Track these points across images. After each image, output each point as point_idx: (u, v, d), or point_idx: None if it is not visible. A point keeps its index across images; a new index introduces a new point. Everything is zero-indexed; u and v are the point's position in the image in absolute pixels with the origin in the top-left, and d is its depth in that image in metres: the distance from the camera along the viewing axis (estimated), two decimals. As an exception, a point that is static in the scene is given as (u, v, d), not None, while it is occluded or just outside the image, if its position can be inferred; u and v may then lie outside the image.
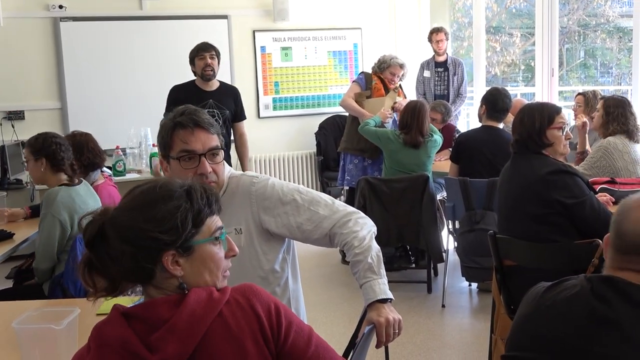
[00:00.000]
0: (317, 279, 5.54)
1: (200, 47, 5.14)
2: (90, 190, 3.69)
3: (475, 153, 4.73)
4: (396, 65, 6.00)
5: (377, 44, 7.94)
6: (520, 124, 3.18)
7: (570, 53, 10.37)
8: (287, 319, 1.49)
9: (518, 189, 3.14)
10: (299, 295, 2.45)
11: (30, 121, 6.60)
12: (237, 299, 1.45)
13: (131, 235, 1.41)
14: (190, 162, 2.14)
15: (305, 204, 2.26)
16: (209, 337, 1.39)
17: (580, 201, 2.99)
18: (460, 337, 4.31)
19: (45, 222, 3.41)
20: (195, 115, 2.16)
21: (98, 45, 6.82)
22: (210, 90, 5.18)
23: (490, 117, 4.78)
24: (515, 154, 3.24)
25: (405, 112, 5.31)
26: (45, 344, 1.90)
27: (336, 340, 4.07)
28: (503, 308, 3.14)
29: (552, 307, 1.45)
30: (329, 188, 7.44)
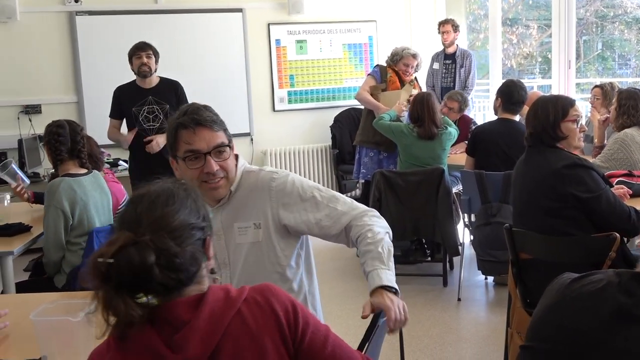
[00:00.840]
0: (331, 272, 5.54)
1: (137, 46, 5.24)
2: (99, 182, 3.71)
3: (492, 146, 4.71)
4: (408, 55, 5.99)
5: (393, 36, 7.91)
6: (534, 117, 3.16)
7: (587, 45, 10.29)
8: (304, 318, 1.48)
9: (533, 183, 3.12)
10: (314, 290, 2.45)
11: (47, 115, 6.63)
12: (256, 298, 1.46)
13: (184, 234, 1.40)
14: (196, 162, 2.14)
15: (324, 201, 2.26)
16: (228, 335, 1.40)
17: (595, 195, 2.97)
18: (476, 330, 4.30)
19: (49, 214, 3.47)
20: (196, 115, 2.13)
21: (113, 39, 6.85)
22: (149, 88, 5.24)
23: (506, 109, 4.76)
24: (529, 147, 3.22)
25: (414, 105, 5.31)
26: (62, 336, 1.91)
27: (352, 333, 4.07)
28: (519, 301, 3.13)
29: (577, 299, 1.43)
30: (344, 181, 7.44)
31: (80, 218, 3.50)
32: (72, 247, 3.52)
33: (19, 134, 6.50)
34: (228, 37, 7.33)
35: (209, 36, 7.26)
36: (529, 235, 3.10)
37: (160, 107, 5.22)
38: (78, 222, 3.50)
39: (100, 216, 3.63)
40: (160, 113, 5.19)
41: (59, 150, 3.58)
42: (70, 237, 3.52)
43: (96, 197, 3.63)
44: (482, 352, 3.95)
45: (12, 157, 6.32)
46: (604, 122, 4.83)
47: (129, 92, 5.26)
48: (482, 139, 4.79)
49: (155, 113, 5.18)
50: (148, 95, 5.22)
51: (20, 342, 2.16)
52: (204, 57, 7.20)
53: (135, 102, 5.20)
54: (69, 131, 3.61)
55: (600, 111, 5.22)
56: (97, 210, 3.61)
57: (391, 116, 5.53)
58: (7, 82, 6.61)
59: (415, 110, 5.28)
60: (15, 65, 6.64)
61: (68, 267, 3.52)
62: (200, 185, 2.16)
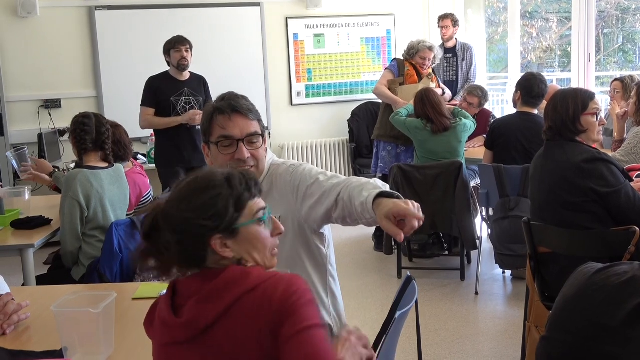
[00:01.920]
0: (350, 266, 5.55)
1: (177, 40, 5.40)
2: (119, 176, 3.73)
3: (511, 139, 4.69)
4: (425, 48, 5.98)
5: (411, 30, 7.89)
6: (554, 111, 3.14)
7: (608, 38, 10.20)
8: (294, 311, 1.44)
9: (552, 177, 3.11)
10: (335, 286, 2.43)
11: (66, 109, 6.70)
12: (267, 284, 1.47)
13: (178, 225, 1.51)
14: (229, 148, 2.17)
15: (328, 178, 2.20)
16: (230, 313, 1.46)
17: (615, 190, 2.96)
18: (493, 324, 4.29)
19: (65, 204, 3.50)
20: (233, 101, 2.17)
21: (132, 34, 6.90)
22: (184, 80, 5.46)
23: (525, 103, 4.72)
24: (548, 141, 3.20)
25: (416, 106, 5.34)
26: (83, 327, 1.94)
27: (369, 326, 4.09)
28: (537, 295, 3.12)
29: (601, 291, 1.40)
30: (362, 175, 7.44)
31: (95, 211, 3.53)
32: (89, 239, 3.55)
33: (39, 128, 6.56)
34: (246, 31, 7.35)
35: (226, 30, 7.27)
36: (547, 229, 3.09)
37: (195, 98, 5.46)
38: (93, 215, 3.53)
39: (116, 210, 3.65)
40: (196, 104, 5.43)
41: (84, 140, 3.63)
42: (86, 230, 3.55)
43: (113, 191, 3.65)
44: (499, 345, 3.95)
45: (33, 151, 6.39)
46: (623, 116, 4.78)
47: (165, 83, 5.43)
48: (501, 133, 4.77)
49: (192, 104, 5.41)
50: (184, 86, 5.44)
51: (41, 333, 2.19)
52: (222, 51, 7.22)
53: (172, 92, 5.40)
54: (95, 122, 3.65)
55: (620, 104, 5.17)
56: (112, 204, 3.63)
57: (408, 111, 5.52)
58: (27, 77, 6.67)
59: (419, 110, 5.29)
60: (35, 60, 6.69)
61: (85, 259, 3.55)
62: None
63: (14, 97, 6.64)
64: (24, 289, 3.04)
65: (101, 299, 1.95)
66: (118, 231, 3.46)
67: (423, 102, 5.28)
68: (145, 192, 4.16)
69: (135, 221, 3.56)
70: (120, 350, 2.02)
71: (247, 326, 1.44)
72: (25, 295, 2.54)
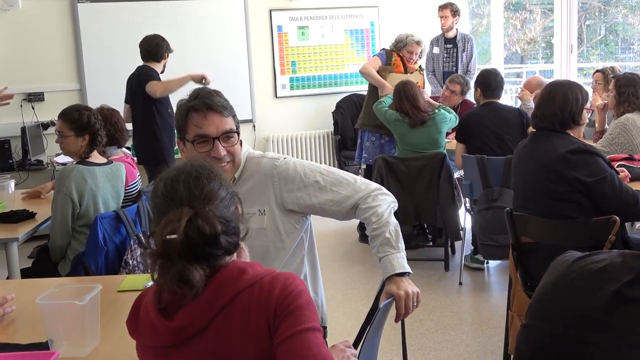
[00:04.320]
0: (334, 257, 5.58)
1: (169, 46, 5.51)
2: (116, 174, 3.70)
3: (482, 129, 4.80)
4: (412, 42, 6.00)
5: (394, 22, 7.91)
6: (563, 100, 3.14)
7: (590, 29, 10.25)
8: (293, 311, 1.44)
9: (538, 167, 3.13)
10: (316, 275, 2.48)
11: (49, 102, 6.67)
12: (263, 283, 1.47)
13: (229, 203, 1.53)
14: (205, 146, 2.17)
15: (327, 185, 2.29)
16: (224, 313, 1.44)
17: (600, 178, 2.99)
18: (477, 314, 4.33)
19: (58, 199, 3.47)
20: (208, 99, 2.17)
21: (116, 26, 6.86)
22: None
23: (487, 96, 4.92)
24: (538, 130, 3.22)
25: (394, 98, 5.37)
26: (68, 319, 1.94)
27: (354, 317, 4.12)
28: (519, 285, 3.16)
29: (579, 278, 1.41)
30: (347, 167, 7.45)
31: (86, 207, 3.51)
32: (78, 235, 3.53)
33: (22, 122, 6.52)
34: (230, 23, 7.33)
35: (210, 23, 7.25)
36: (529, 219, 3.12)
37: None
38: (85, 211, 3.51)
39: (108, 207, 3.63)
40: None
41: (102, 140, 3.65)
42: (76, 226, 3.53)
43: (108, 188, 3.63)
44: (483, 335, 3.98)
45: (16, 145, 6.36)
46: (603, 108, 4.83)
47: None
48: (470, 125, 4.88)
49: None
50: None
51: (26, 326, 2.19)
52: (206, 44, 7.20)
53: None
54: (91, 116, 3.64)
55: (602, 96, 5.21)
56: (105, 202, 3.60)
57: (392, 99, 5.52)
58: (10, 71, 6.61)
59: (396, 103, 5.32)
60: (18, 54, 6.65)
61: (72, 254, 3.54)
62: None
63: (-4, 90, 6.59)
64: (9, 282, 3.04)
65: (86, 291, 1.95)
66: (103, 224, 3.44)
67: (399, 95, 5.30)
68: (131, 181, 4.15)
69: (120, 214, 3.55)
70: (105, 342, 2.02)
71: (244, 325, 1.44)
72: (10, 288, 2.53)
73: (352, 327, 3.75)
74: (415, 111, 5.22)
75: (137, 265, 3.43)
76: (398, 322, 2.15)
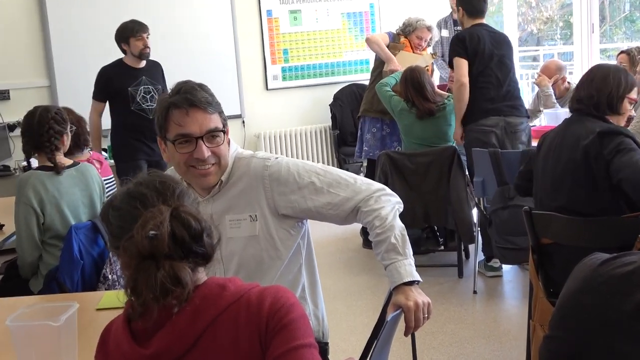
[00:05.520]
0: (336, 265, 5.58)
1: (137, 28, 5.46)
2: (84, 177, 3.66)
3: (479, 49, 4.93)
4: (423, 27, 6.01)
5: (396, 2, 7.90)
6: (603, 83, 3.16)
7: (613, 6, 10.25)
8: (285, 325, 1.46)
9: (571, 154, 3.11)
10: (315, 285, 2.48)
11: (16, 101, 6.66)
12: (250, 299, 1.48)
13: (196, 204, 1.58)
14: (187, 146, 2.16)
15: (324, 186, 2.28)
16: (209, 333, 1.45)
17: (620, 149, 2.97)
18: (495, 325, 4.34)
19: (19, 211, 3.44)
20: (190, 94, 2.15)
21: (88, 16, 6.86)
22: (141, 67, 5.56)
23: (473, 16, 5.06)
24: (572, 113, 3.23)
25: (400, 86, 5.34)
26: (42, 342, 1.94)
27: (359, 332, 4.12)
28: (541, 291, 3.16)
29: (606, 283, 1.40)
30: (347, 165, 7.47)
31: (51, 218, 3.46)
32: (50, 248, 3.50)
33: (-15, 124, 6.52)
34: (213, 8, 7.33)
35: (191, 9, 7.24)
36: (551, 218, 3.12)
37: (154, 87, 5.56)
38: (50, 222, 3.46)
39: (79, 215, 3.57)
40: (156, 93, 5.51)
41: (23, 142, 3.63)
42: (45, 238, 3.50)
43: (75, 194, 3.58)
44: (502, 348, 3.99)
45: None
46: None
47: (120, 72, 5.50)
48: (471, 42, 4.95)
49: (152, 93, 5.50)
50: (141, 75, 5.52)
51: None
52: (187, 32, 7.19)
53: (129, 82, 5.46)
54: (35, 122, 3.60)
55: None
56: (73, 209, 3.55)
57: (397, 80, 5.51)
58: (-29, 66, 6.62)
59: (402, 90, 5.31)
60: (-21, 47, 6.65)
61: (46, 270, 3.52)
62: (188, 170, 2.19)
63: (-44, 89, 6.60)
64: (-25, 303, 3.03)
65: (62, 311, 1.95)
66: (78, 235, 3.43)
67: (405, 82, 5.29)
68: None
69: (97, 224, 3.54)
70: (84, 367, 2.03)
71: (234, 343, 1.44)
72: (-24, 309, 2.53)
73: (357, 343, 3.75)
74: (423, 101, 5.22)
75: (117, 279, 3.42)
76: (408, 335, 2.16)
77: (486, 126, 4.92)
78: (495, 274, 5.07)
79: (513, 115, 4.97)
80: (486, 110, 4.92)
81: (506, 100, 4.98)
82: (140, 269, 1.39)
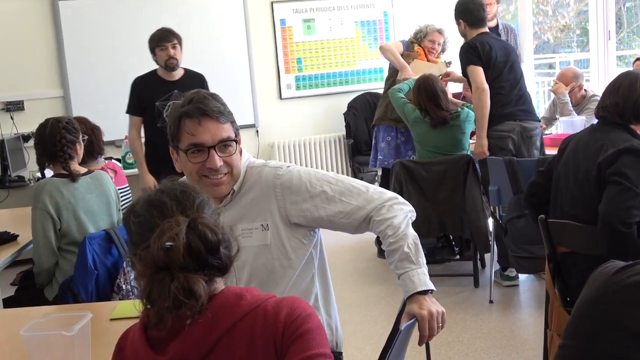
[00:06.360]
0: (351, 275, 5.58)
1: (160, 36, 5.09)
2: (99, 184, 3.70)
3: (492, 56, 4.95)
4: (433, 31, 6.03)
5: (411, 11, 7.91)
6: (630, 90, 3.10)
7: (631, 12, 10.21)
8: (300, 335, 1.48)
9: (591, 164, 3.07)
10: (329, 295, 2.48)
11: (30, 112, 6.71)
12: (267, 308, 1.50)
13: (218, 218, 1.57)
14: (199, 156, 2.18)
15: (336, 195, 2.29)
16: (225, 342, 1.47)
17: (618, 181, 2.92)
18: (511, 334, 4.32)
19: (36, 217, 3.49)
20: (202, 104, 2.17)
21: (101, 26, 6.91)
22: (174, 80, 5.16)
23: (476, 26, 5.08)
24: (600, 119, 3.19)
25: (413, 95, 5.34)
26: (56, 352, 1.96)
27: (374, 342, 4.12)
28: (558, 301, 3.15)
29: (620, 292, 1.41)
30: (362, 174, 7.46)
31: (67, 223, 3.52)
32: (66, 254, 3.55)
33: (0, 134, 6.57)
34: (227, 18, 7.36)
35: (206, 18, 7.29)
36: (567, 227, 3.11)
37: None
38: (66, 227, 3.52)
39: (96, 221, 3.63)
40: None
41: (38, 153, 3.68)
42: (62, 244, 3.55)
43: (91, 200, 3.63)
44: (519, 358, 3.97)
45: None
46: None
47: (151, 85, 5.16)
48: (484, 51, 4.95)
49: None
50: (173, 88, 5.11)
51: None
52: (202, 41, 7.22)
53: (158, 96, 5.09)
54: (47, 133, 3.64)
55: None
56: (91, 215, 3.62)
57: (410, 87, 5.51)
58: (-14, 78, 6.69)
59: (415, 98, 5.31)
60: (-6, 59, 6.71)
61: (62, 277, 3.55)
62: (200, 179, 2.21)
63: (-29, 100, 6.67)
64: (-10, 313, 3.06)
65: (75, 321, 1.97)
66: (92, 245, 3.45)
67: (419, 90, 5.28)
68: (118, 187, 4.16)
69: (110, 234, 3.57)
70: (98, 377, 2.04)
71: (250, 353, 1.46)
72: (-9, 319, 2.56)
73: (372, 353, 3.75)
74: (437, 110, 5.21)
75: (131, 289, 3.44)
76: (422, 345, 2.15)
77: (503, 131, 4.92)
78: (512, 283, 5.06)
79: (528, 120, 4.98)
80: (501, 116, 4.92)
81: (519, 105, 4.98)
82: (155, 280, 1.41)
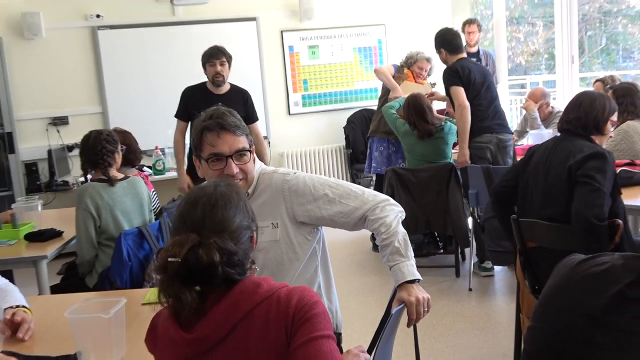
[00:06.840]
0: (349, 267, 5.58)
1: (211, 53, 5.05)
2: (134, 188, 3.72)
3: (471, 78, 4.96)
4: (423, 59, 6.03)
5: (401, 38, 7.93)
6: (590, 107, 3.14)
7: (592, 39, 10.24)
8: (309, 319, 1.50)
9: (560, 170, 3.06)
10: (330, 284, 2.50)
11: (74, 126, 6.73)
12: (280, 295, 1.52)
13: (240, 235, 1.57)
14: (218, 164, 2.22)
15: (336, 197, 2.31)
16: (243, 324, 1.49)
17: (590, 183, 2.90)
18: (487, 317, 4.32)
19: (78, 215, 3.56)
20: (221, 119, 2.21)
21: (134, 51, 6.93)
22: (220, 94, 5.09)
23: (455, 53, 5.06)
24: (561, 133, 3.21)
25: (403, 110, 5.37)
26: (95, 332, 1.97)
27: (369, 324, 4.12)
28: (527, 288, 3.15)
29: (582, 281, 1.41)
30: (359, 179, 7.47)
31: (106, 222, 3.57)
32: (105, 248, 3.59)
33: (48, 145, 6.60)
34: (243, 45, 7.38)
35: (224, 45, 7.20)
36: (535, 225, 3.12)
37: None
38: (105, 225, 3.57)
39: (131, 220, 3.67)
40: None
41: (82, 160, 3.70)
42: (101, 239, 3.59)
43: (126, 202, 3.67)
44: (494, 338, 3.97)
45: (43, 167, 6.41)
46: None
47: (199, 95, 5.08)
48: (465, 73, 4.95)
49: None
50: (218, 102, 4.90)
51: (56, 339, 2.23)
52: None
53: (204, 106, 4.91)
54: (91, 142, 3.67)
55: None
56: (126, 214, 3.65)
57: (400, 104, 5.53)
58: (36, 96, 6.71)
59: (405, 113, 5.33)
60: (43, 80, 6.73)
61: (101, 267, 3.58)
62: None
63: (23, 115, 6.68)
64: (39, 298, 3.07)
65: (112, 305, 1.98)
66: (127, 240, 3.49)
67: (408, 107, 5.30)
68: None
69: (142, 231, 3.59)
70: (131, 353, 2.05)
71: (264, 334, 1.48)
72: (40, 303, 2.57)
73: (367, 333, 3.74)
74: (423, 124, 5.23)
75: (160, 278, 3.45)
76: (410, 327, 2.17)
77: (482, 143, 4.94)
78: (488, 273, 5.07)
79: (503, 132, 5.00)
80: (480, 129, 4.93)
81: (495, 120, 5.00)
82: (161, 280, 1.48)
